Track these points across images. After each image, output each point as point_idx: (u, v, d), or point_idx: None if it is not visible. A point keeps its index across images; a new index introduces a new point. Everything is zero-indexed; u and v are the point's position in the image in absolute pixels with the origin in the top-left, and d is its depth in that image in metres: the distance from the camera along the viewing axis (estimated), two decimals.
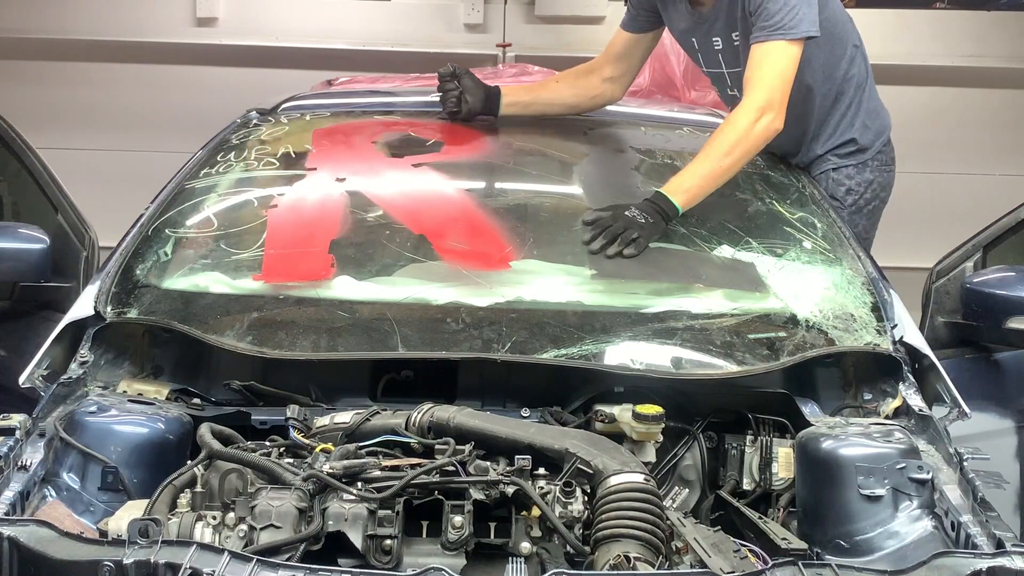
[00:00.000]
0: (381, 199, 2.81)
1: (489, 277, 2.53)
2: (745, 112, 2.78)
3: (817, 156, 3.26)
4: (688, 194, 2.70)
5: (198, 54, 6.96)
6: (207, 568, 1.63)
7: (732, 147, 2.75)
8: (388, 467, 1.97)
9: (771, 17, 2.82)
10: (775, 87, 2.80)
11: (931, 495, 2.02)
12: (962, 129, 6.94)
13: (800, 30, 2.83)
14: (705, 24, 3.10)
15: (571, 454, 1.98)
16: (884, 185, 3.34)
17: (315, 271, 2.54)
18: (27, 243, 3.06)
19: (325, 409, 2.30)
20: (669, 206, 2.67)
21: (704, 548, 1.86)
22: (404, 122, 3.35)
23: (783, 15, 2.82)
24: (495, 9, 6.97)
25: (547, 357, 2.31)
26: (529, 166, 3.11)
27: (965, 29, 6.91)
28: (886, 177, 3.34)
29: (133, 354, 2.43)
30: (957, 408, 2.29)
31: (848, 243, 2.80)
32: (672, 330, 2.41)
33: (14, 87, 6.74)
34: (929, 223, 6.13)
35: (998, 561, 1.72)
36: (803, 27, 2.83)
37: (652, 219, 2.64)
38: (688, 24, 3.14)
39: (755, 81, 2.82)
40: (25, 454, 2.00)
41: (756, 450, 2.36)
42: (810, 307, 2.50)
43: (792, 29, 2.82)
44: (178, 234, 2.71)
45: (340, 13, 6.95)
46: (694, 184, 2.72)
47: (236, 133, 3.25)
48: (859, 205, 3.28)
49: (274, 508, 1.84)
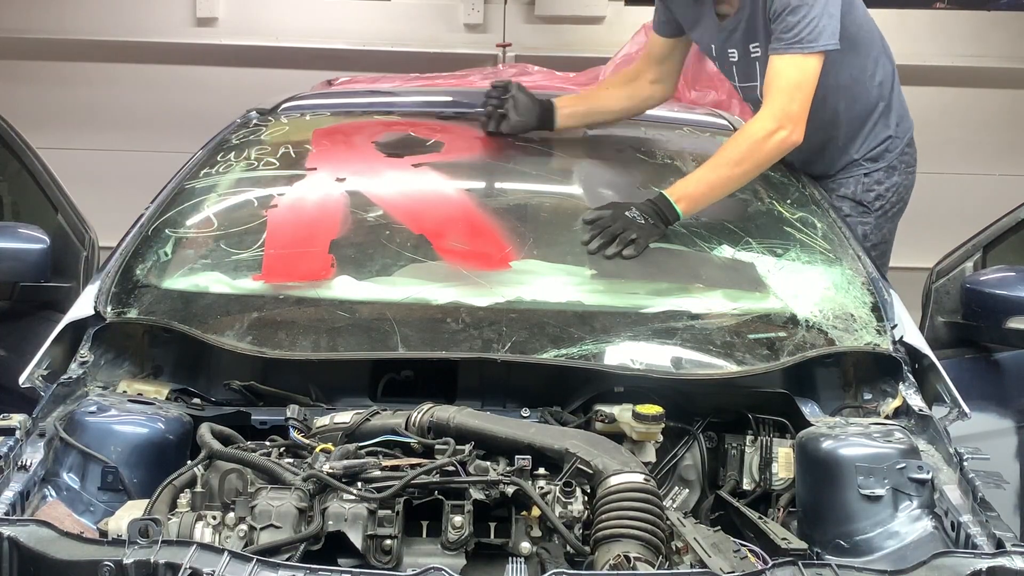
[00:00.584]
0: (381, 199, 2.81)
1: (489, 277, 2.53)
2: (761, 123, 2.75)
3: (851, 161, 3.21)
4: (691, 200, 2.68)
5: (198, 54, 6.96)
6: (207, 568, 1.63)
7: (743, 157, 2.72)
8: (388, 467, 1.96)
9: (790, 29, 2.77)
10: (794, 99, 2.75)
11: (931, 495, 2.01)
12: (962, 129, 6.94)
13: (820, 43, 2.78)
14: (723, 34, 3.05)
15: (571, 454, 1.98)
16: (908, 187, 3.30)
17: (315, 271, 2.54)
18: (27, 243, 3.06)
19: (325, 409, 2.30)
20: (670, 209, 2.65)
21: (704, 548, 1.86)
22: (404, 122, 3.35)
23: (802, 27, 2.76)
24: (495, 9, 6.97)
25: (547, 357, 2.30)
26: (529, 166, 3.11)
27: (965, 29, 6.91)
28: (910, 179, 3.30)
29: (133, 354, 2.43)
30: (957, 408, 2.29)
31: (848, 243, 2.79)
32: (672, 330, 2.40)
33: (14, 87, 6.74)
34: (929, 223, 6.10)
35: (998, 561, 1.71)
36: (823, 40, 2.78)
37: (651, 220, 2.62)
38: (711, 33, 3.08)
39: (774, 92, 2.77)
40: (25, 454, 2.00)
41: (756, 450, 2.36)
42: (810, 307, 2.49)
43: (812, 43, 2.77)
44: (178, 234, 2.70)
45: (340, 13, 6.95)
46: (698, 191, 2.69)
47: (236, 133, 3.25)
48: (885, 209, 3.25)
49: (274, 508, 1.84)
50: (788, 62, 2.78)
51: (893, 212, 3.28)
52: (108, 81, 7.01)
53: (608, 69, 4.69)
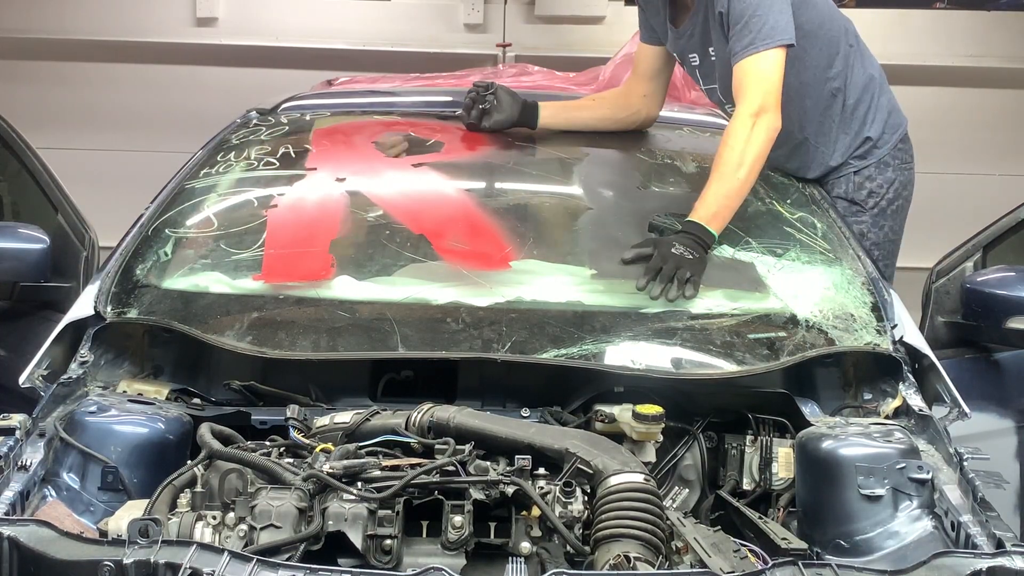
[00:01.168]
0: (381, 199, 2.81)
1: (489, 277, 2.53)
2: (740, 120, 2.75)
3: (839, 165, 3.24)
4: (718, 218, 2.66)
5: (198, 54, 6.96)
6: (207, 568, 1.63)
7: (740, 158, 2.71)
8: (388, 467, 1.97)
9: (743, 37, 2.81)
10: (764, 91, 2.77)
11: (931, 495, 2.01)
12: (962, 129, 6.93)
13: (774, 39, 2.80)
14: (682, 39, 3.09)
15: (571, 454, 1.98)
16: (905, 183, 3.30)
17: (315, 271, 2.54)
18: (27, 243, 3.06)
19: (325, 409, 2.30)
20: (706, 234, 2.62)
21: (704, 548, 1.86)
22: (404, 122, 3.35)
23: (755, 31, 2.79)
24: (495, 9, 6.97)
25: (547, 357, 2.31)
26: (529, 166, 3.11)
27: (965, 29, 6.91)
28: (907, 175, 3.30)
29: (133, 354, 2.43)
30: (957, 408, 2.29)
31: (848, 243, 2.80)
32: (672, 330, 2.40)
33: (14, 87, 6.74)
34: (929, 223, 6.10)
35: (998, 561, 1.71)
36: (776, 36, 2.80)
37: (698, 254, 2.56)
38: (669, 38, 3.15)
39: (743, 90, 2.80)
40: (25, 454, 2.00)
41: (756, 450, 2.36)
42: (810, 307, 2.49)
43: (766, 40, 2.79)
44: (178, 234, 2.70)
45: (340, 13, 6.95)
46: (721, 206, 2.67)
47: (236, 133, 3.25)
48: (882, 207, 3.25)
49: (274, 508, 1.84)
50: (750, 62, 2.81)
51: (892, 209, 3.27)
52: (108, 81, 7.01)
53: (608, 69, 4.68)
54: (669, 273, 2.50)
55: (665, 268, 2.51)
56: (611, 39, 6.10)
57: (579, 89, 4.55)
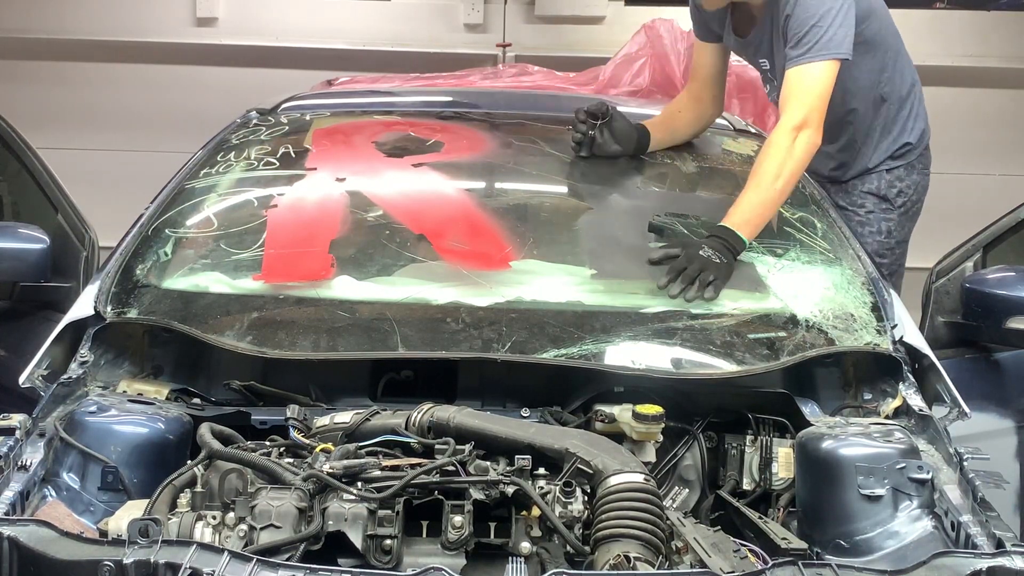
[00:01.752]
0: (381, 199, 2.81)
1: (489, 277, 2.53)
2: (782, 132, 2.75)
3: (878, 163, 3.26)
4: (751, 225, 2.66)
5: (198, 54, 6.96)
6: (207, 568, 1.63)
7: (779, 170, 2.71)
8: (388, 467, 1.96)
9: (801, 45, 2.82)
10: (809, 105, 2.78)
11: (931, 495, 2.01)
12: (962, 129, 6.93)
13: (830, 52, 2.82)
14: (750, 47, 3.15)
15: (571, 454, 1.98)
16: (924, 188, 3.38)
17: (315, 271, 2.54)
18: (27, 243, 3.06)
19: (325, 409, 2.30)
20: (737, 240, 2.61)
21: (704, 548, 1.86)
22: (404, 122, 3.35)
23: (813, 40, 2.81)
24: (495, 9, 6.98)
25: (547, 357, 2.30)
26: (529, 166, 3.11)
27: (965, 29, 6.91)
28: (926, 180, 3.39)
29: (133, 354, 2.43)
30: (957, 408, 2.29)
31: (848, 243, 2.80)
32: (672, 330, 2.40)
33: (14, 87, 6.74)
34: (929, 223, 6.11)
35: (998, 561, 1.71)
36: (833, 49, 2.82)
37: (726, 259, 2.56)
38: (735, 47, 3.19)
39: (789, 101, 2.81)
40: (25, 454, 2.00)
41: (756, 450, 2.36)
42: (810, 307, 2.49)
43: (822, 51, 2.81)
44: (178, 234, 2.70)
45: (340, 13, 6.95)
46: (755, 214, 2.67)
47: (236, 133, 3.25)
48: (906, 207, 3.30)
49: (274, 508, 1.84)
50: (801, 71, 2.82)
51: (913, 211, 3.34)
52: (108, 81, 7.01)
53: (608, 69, 4.69)
54: (692, 274, 2.51)
55: (689, 269, 2.51)
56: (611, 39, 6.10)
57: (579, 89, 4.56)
